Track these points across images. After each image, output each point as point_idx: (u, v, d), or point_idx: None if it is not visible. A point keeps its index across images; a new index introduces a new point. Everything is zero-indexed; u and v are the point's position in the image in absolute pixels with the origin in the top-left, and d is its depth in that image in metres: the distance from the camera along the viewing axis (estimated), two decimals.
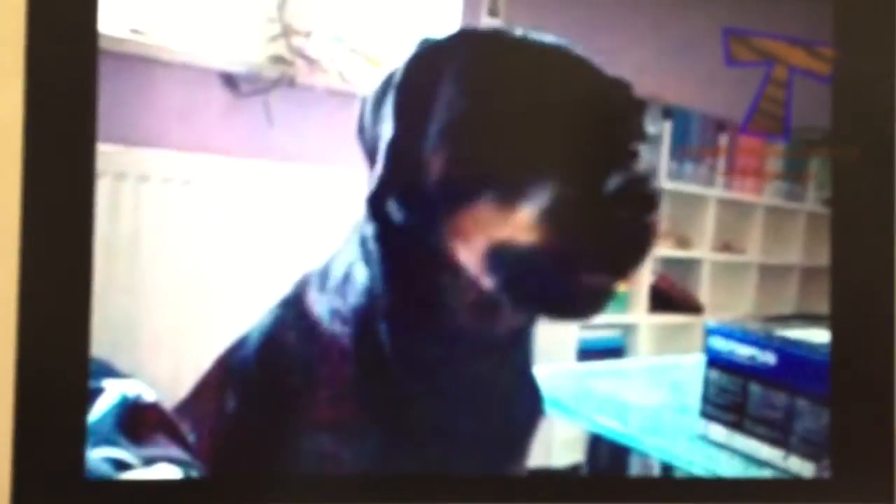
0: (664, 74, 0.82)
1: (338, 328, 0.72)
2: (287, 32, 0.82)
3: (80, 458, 0.71)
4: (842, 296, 0.78)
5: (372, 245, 0.71)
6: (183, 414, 0.75)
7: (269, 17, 0.81)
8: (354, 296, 0.72)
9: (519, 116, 0.68)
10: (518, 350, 0.74)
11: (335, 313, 0.72)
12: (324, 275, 0.74)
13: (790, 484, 0.78)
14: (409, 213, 0.69)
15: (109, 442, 0.73)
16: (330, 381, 0.72)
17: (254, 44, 0.82)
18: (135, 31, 0.79)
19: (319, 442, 0.72)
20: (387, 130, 0.69)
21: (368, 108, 0.72)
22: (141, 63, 0.78)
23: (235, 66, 0.82)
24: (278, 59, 0.82)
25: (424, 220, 0.68)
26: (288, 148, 0.82)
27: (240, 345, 0.75)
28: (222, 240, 0.81)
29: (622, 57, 0.75)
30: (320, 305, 0.73)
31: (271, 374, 0.74)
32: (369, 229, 0.71)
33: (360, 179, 0.71)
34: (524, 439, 0.76)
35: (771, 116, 0.80)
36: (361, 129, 0.73)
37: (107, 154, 0.73)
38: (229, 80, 0.82)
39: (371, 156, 0.71)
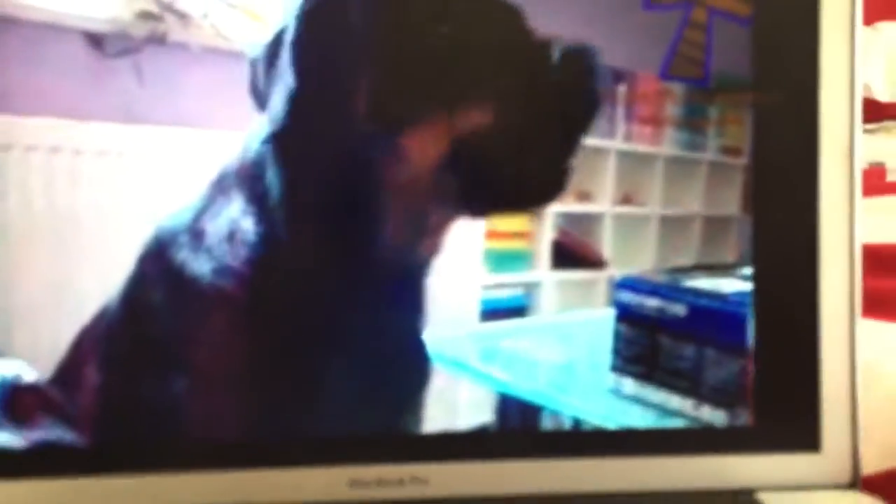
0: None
1: (225, 283, 0.69)
2: None
3: None
4: (764, 244, 0.76)
5: (276, 189, 0.69)
6: (56, 389, 0.71)
7: None
8: (246, 250, 0.70)
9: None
10: (411, 301, 0.73)
11: (222, 270, 0.69)
12: (196, 235, 0.70)
13: (710, 433, 0.76)
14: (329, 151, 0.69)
15: None
16: (214, 337, 0.69)
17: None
18: None
19: (206, 403, 0.69)
20: (286, 83, 0.68)
21: (261, 68, 0.71)
22: None
23: (98, 24, 0.75)
24: (146, 15, 0.76)
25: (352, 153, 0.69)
26: (162, 111, 0.76)
27: (105, 310, 0.71)
28: (92, 205, 0.75)
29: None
30: (198, 264, 0.69)
31: (140, 336, 0.70)
32: (272, 175, 0.69)
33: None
34: (415, 402, 0.74)
35: (691, 61, 0.77)
36: (255, 89, 0.72)
37: None
38: (94, 40, 0.75)
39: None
